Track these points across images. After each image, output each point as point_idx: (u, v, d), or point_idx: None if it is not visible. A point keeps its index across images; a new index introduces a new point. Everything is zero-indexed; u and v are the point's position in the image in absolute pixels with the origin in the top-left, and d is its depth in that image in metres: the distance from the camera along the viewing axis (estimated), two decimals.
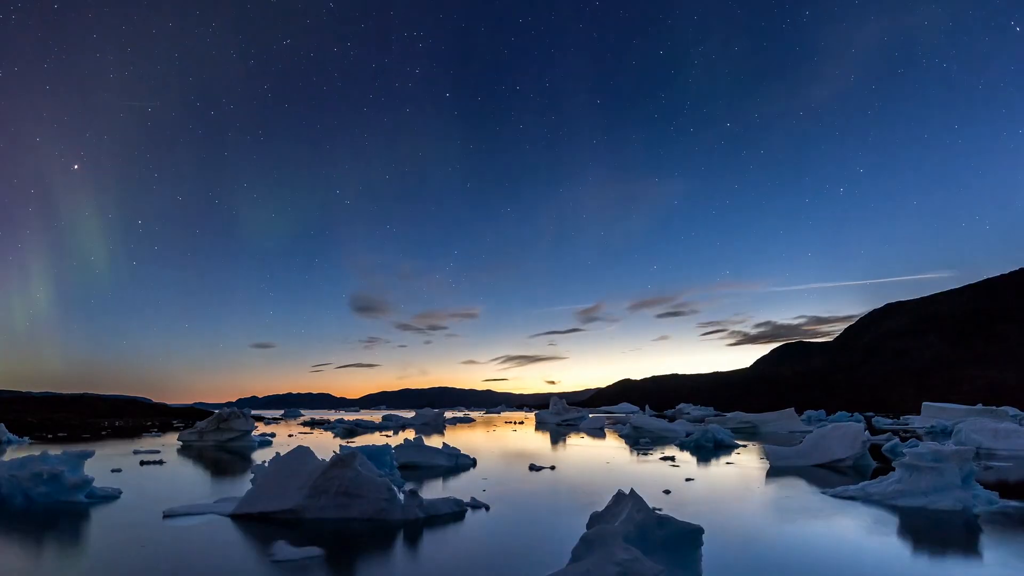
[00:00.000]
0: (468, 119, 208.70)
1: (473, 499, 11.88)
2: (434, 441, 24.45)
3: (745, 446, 29.28)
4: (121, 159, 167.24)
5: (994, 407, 43.32)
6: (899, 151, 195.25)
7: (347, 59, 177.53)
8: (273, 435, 38.93)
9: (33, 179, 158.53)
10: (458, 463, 18.92)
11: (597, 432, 43.25)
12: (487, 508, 11.43)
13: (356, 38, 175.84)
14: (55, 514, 11.07)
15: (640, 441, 32.80)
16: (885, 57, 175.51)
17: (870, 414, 74.44)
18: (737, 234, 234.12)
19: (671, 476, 16.91)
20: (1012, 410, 39.93)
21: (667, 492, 13.60)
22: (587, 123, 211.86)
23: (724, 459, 22.32)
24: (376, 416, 74.21)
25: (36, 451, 14.60)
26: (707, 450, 26.51)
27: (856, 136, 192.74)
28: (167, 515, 10.64)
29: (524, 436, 39.87)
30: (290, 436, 38.24)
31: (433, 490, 13.99)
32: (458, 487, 14.42)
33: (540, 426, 55.91)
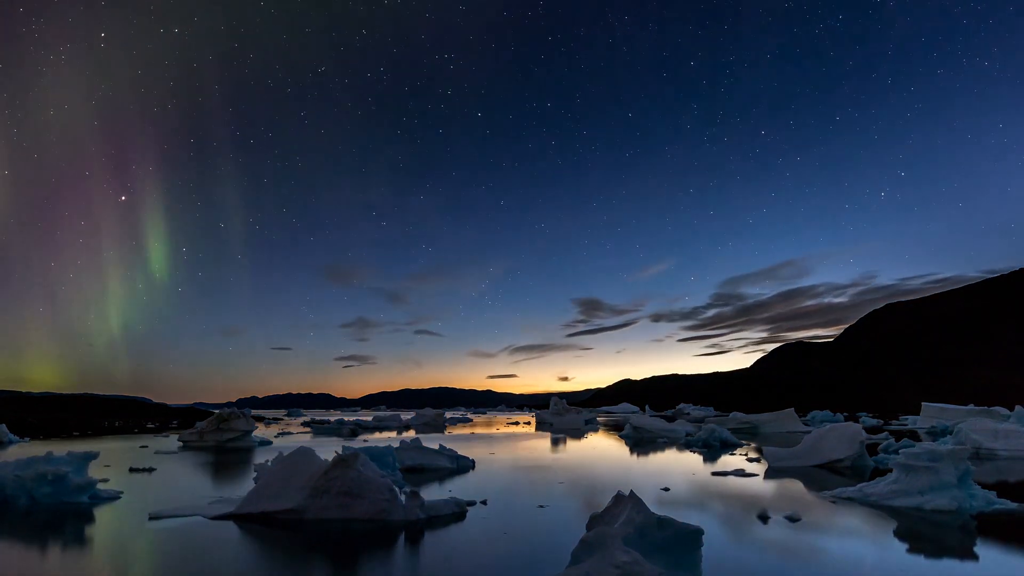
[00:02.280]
0: (500, 137, 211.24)
1: (456, 499, 11.91)
2: (434, 442, 24.48)
3: (749, 445, 29.82)
4: (166, 190, 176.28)
5: (986, 407, 43.22)
6: (942, 153, 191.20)
7: (381, 84, 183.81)
8: (287, 433, 39.00)
9: (82, 212, 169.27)
10: (459, 465, 18.93)
11: (574, 433, 42.61)
12: (484, 502, 11.51)
13: (389, 63, 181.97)
14: (58, 515, 11.14)
15: (658, 440, 33.05)
16: (924, 58, 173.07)
17: (861, 414, 74.44)
18: (775, 242, 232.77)
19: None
20: (1003, 410, 39.74)
21: (666, 489, 13.77)
22: (619, 137, 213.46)
23: (725, 459, 22.40)
24: (382, 416, 74.29)
25: (37, 451, 14.65)
26: (715, 449, 27.22)
27: (896, 139, 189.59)
28: (166, 515, 10.70)
29: (526, 436, 39.92)
30: (277, 436, 38.26)
31: (434, 492, 14.03)
32: (459, 489, 14.47)
33: (540, 426, 55.96)
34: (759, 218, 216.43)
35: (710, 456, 23.74)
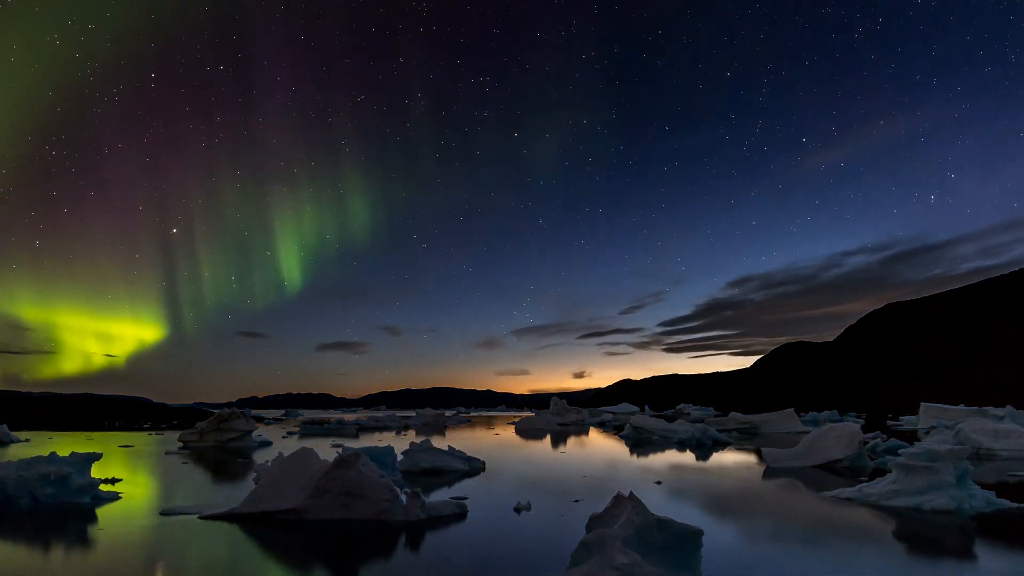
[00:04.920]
0: (536, 157, 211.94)
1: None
2: (438, 443, 24.50)
3: (734, 444, 30.72)
4: (214, 222, 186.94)
5: (977, 407, 43.08)
6: (992, 153, 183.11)
7: (417, 109, 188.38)
8: (294, 433, 39.00)
9: (136, 244, 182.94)
10: (471, 467, 18.80)
11: (539, 434, 42.08)
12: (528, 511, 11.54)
13: (425, 88, 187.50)
14: (60, 515, 11.17)
15: (657, 440, 33.30)
16: (969, 56, 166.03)
17: (851, 414, 74.55)
18: (818, 250, 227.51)
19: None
20: (993, 410, 39.55)
21: (658, 483, 13.96)
22: (656, 151, 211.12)
23: (723, 459, 22.46)
24: (378, 416, 74.27)
25: (37, 451, 14.66)
26: (707, 448, 28.10)
27: (944, 141, 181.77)
28: (168, 514, 10.74)
29: (528, 437, 39.94)
30: (285, 437, 38.33)
31: (447, 494, 14.04)
32: (476, 490, 14.48)
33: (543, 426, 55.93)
34: (803, 226, 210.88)
35: (702, 455, 24.04)
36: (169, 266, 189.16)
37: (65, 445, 29.60)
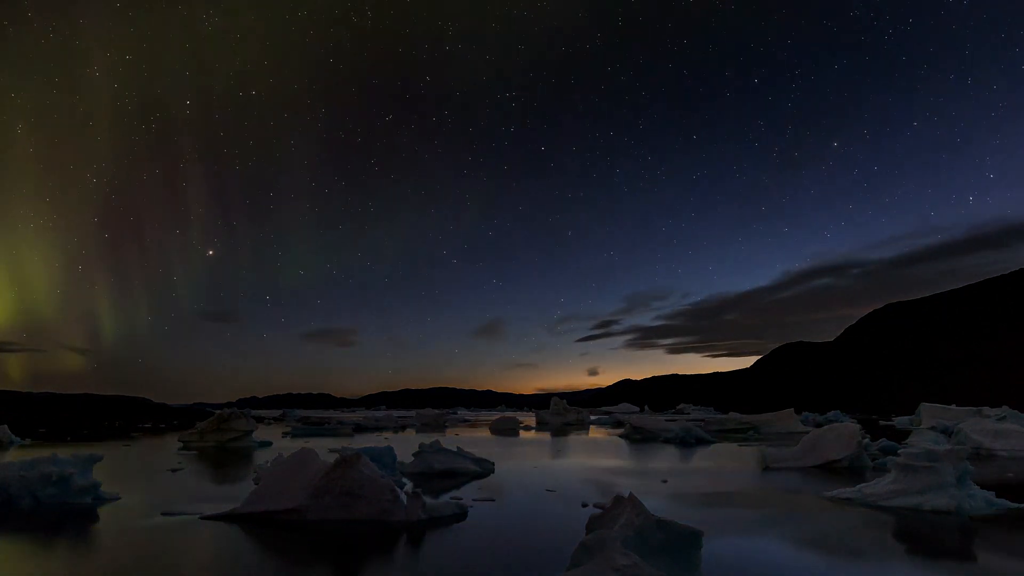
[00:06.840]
0: (565, 170, 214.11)
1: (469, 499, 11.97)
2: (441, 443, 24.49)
3: (717, 442, 31.77)
4: (249, 241, 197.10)
5: (971, 407, 42.98)
6: None
7: (445, 127, 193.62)
8: (289, 434, 39.01)
9: (176, 265, 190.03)
10: (483, 468, 18.64)
11: (511, 433, 42.22)
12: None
13: (453, 106, 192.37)
14: (62, 515, 11.19)
15: (654, 440, 33.41)
16: (1004, 53, 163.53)
17: (846, 415, 74.49)
18: (854, 254, 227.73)
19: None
20: (992, 410, 39.45)
21: (664, 481, 14.05)
22: (685, 160, 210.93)
23: (722, 459, 22.46)
24: (376, 416, 74.26)
25: (39, 452, 14.68)
26: (691, 445, 29.67)
27: (981, 141, 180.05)
28: (168, 515, 10.76)
29: (530, 438, 39.96)
30: (284, 436, 38.38)
31: (465, 495, 14.00)
32: (493, 490, 14.47)
33: (542, 427, 55.99)
34: (837, 232, 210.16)
35: (687, 453, 24.37)
36: (205, 285, 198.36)
37: (66, 445, 29.63)
